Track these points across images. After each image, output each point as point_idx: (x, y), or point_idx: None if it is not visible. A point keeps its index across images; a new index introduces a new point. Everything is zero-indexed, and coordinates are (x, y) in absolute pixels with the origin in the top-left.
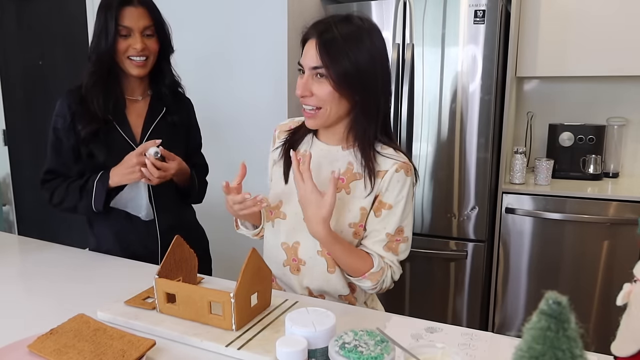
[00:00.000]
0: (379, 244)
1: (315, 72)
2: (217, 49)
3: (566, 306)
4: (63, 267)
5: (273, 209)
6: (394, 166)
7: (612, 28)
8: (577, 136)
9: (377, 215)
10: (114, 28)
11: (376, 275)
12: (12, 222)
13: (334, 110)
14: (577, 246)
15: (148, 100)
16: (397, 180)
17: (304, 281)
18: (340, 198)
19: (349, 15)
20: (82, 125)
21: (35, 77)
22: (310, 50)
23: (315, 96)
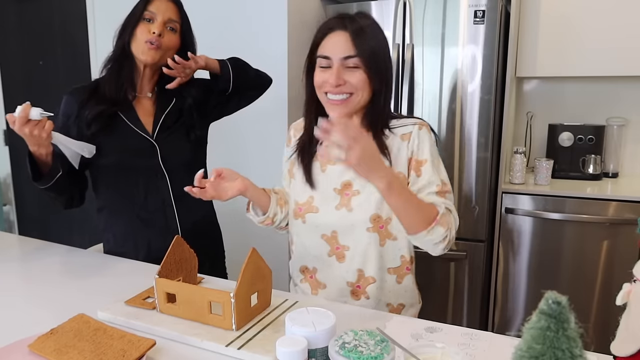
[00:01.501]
0: (432, 195)
1: (347, 62)
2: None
3: (566, 306)
4: (63, 267)
5: (302, 205)
6: (415, 126)
7: (612, 28)
8: (577, 136)
9: (419, 174)
10: (140, 13)
11: (446, 218)
12: (12, 222)
13: (364, 97)
14: (577, 246)
15: (155, 97)
16: (423, 136)
17: (353, 265)
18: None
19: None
20: (88, 110)
21: (35, 77)
22: (339, 41)
23: (348, 84)
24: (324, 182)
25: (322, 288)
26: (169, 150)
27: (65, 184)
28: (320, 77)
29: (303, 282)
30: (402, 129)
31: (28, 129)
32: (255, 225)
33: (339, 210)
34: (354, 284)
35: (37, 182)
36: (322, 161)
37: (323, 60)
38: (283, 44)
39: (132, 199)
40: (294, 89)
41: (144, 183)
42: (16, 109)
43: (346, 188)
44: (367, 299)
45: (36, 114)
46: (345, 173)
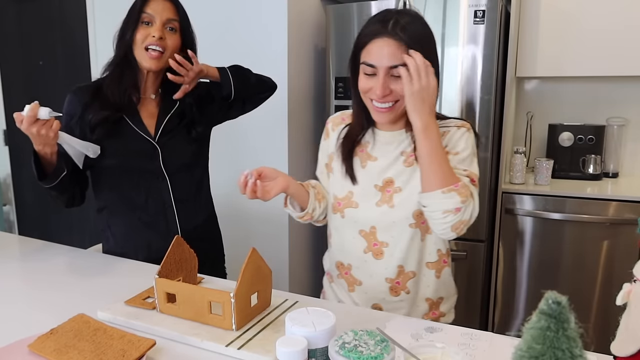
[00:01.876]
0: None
1: (393, 71)
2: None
3: (566, 306)
4: (63, 267)
5: (342, 200)
6: (455, 127)
7: (612, 28)
8: (577, 136)
9: None
10: (137, 16)
11: (464, 190)
12: (13, 222)
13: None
14: (577, 246)
15: (159, 99)
16: (460, 134)
17: (393, 261)
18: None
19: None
20: (92, 114)
21: (35, 77)
22: (385, 48)
23: (394, 93)
24: (364, 177)
25: (358, 285)
26: (170, 153)
27: (69, 183)
28: (366, 84)
29: (339, 277)
30: (443, 128)
31: (36, 129)
32: (255, 225)
33: (380, 206)
34: (393, 280)
35: (41, 181)
36: (362, 157)
37: (368, 67)
38: (283, 44)
39: (133, 200)
40: (294, 88)
41: (145, 185)
42: (24, 108)
43: (388, 185)
44: (407, 293)
45: (45, 113)
46: (387, 170)
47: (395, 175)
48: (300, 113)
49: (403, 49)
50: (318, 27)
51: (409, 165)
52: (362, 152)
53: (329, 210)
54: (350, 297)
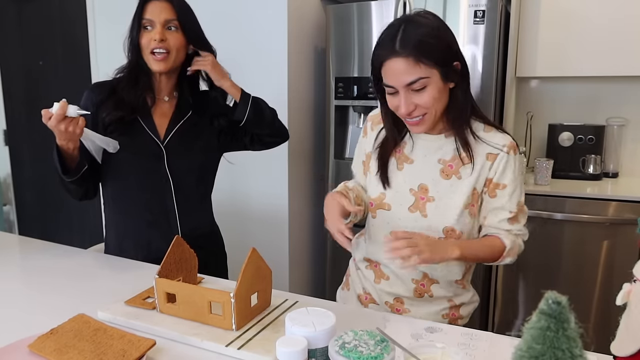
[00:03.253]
0: (504, 221)
1: (412, 86)
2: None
3: (566, 306)
4: (63, 267)
5: (374, 200)
6: (505, 148)
7: (612, 28)
8: (577, 136)
9: (492, 196)
10: (138, 22)
11: (513, 250)
12: (13, 222)
13: (439, 109)
14: (577, 246)
15: (174, 102)
16: (509, 161)
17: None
18: (453, 184)
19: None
20: (106, 112)
21: (35, 77)
22: (398, 69)
23: (419, 107)
24: (399, 180)
25: (385, 279)
26: (176, 157)
27: (88, 177)
28: (393, 103)
29: (368, 268)
30: (489, 146)
31: (64, 126)
32: (255, 225)
33: (413, 213)
34: (418, 282)
35: (65, 175)
36: (399, 158)
37: (389, 88)
38: (283, 44)
39: (137, 198)
40: (294, 89)
41: (149, 185)
42: (53, 105)
43: (422, 192)
44: (431, 297)
45: (73, 111)
46: (423, 175)
47: (430, 184)
48: (300, 113)
49: (413, 63)
50: (318, 27)
51: (447, 177)
52: (399, 153)
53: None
54: (375, 289)
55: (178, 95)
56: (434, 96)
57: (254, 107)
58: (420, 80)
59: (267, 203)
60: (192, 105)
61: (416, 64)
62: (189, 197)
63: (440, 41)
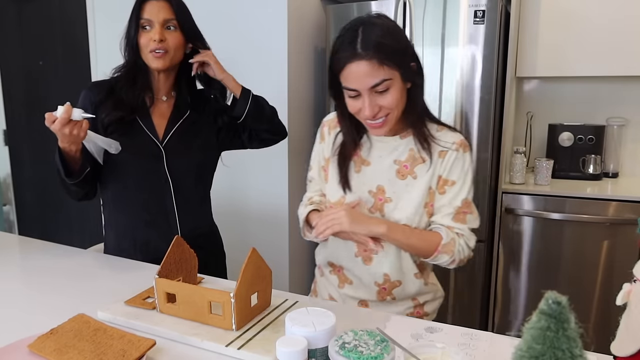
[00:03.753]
0: (447, 217)
1: (376, 88)
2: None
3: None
4: (63, 267)
5: (335, 205)
6: (454, 145)
7: (612, 28)
8: (577, 136)
9: (441, 192)
10: (136, 22)
11: (449, 247)
12: (12, 222)
13: (400, 110)
14: (577, 246)
15: (173, 102)
16: (458, 158)
17: (380, 269)
18: (410, 184)
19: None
20: (105, 113)
21: (35, 77)
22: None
23: (383, 109)
24: (358, 182)
25: (348, 283)
26: (175, 158)
27: (89, 179)
28: (354, 106)
29: (331, 274)
30: (440, 145)
31: (68, 129)
32: (255, 225)
33: (373, 214)
34: (380, 285)
35: (68, 178)
36: (356, 161)
37: (351, 91)
38: (283, 44)
39: (135, 198)
40: (293, 88)
41: (148, 186)
42: (57, 109)
43: (380, 193)
44: (393, 299)
45: (77, 115)
46: (380, 177)
47: (386, 185)
48: (300, 113)
49: (377, 65)
50: (318, 27)
51: (402, 178)
52: (356, 156)
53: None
54: (339, 294)
55: (176, 95)
56: (397, 97)
57: (254, 103)
58: (385, 82)
59: (267, 202)
60: (191, 104)
61: (380, 66)
62: (188, 197)
63: (398, 42)
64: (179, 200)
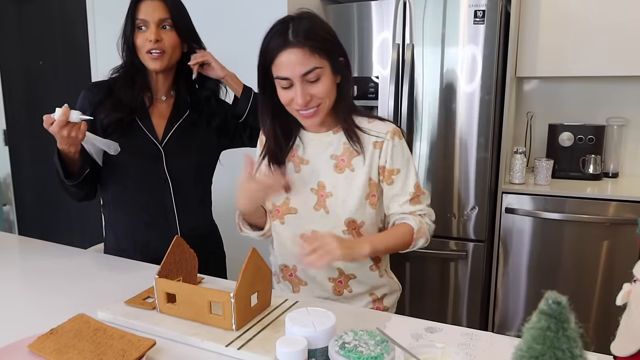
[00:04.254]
0: (405, 204)
1: (307, 77)
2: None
3: (566, 306)
4: (63, 267)
5: (280, 207)
6: (388, 134)
7: (612, 28)
8: (577, 136)
9: (389, 183)
10: (131, 22)
11: (421, 230)
12: (12, 222)
13: (331, 101)
14: (577, 246)
15: (172, 102)
16: (395, 146)
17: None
18: (348, 176)
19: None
20: (105, 114)
21: (35, 77)
22: (293, 59)
23: (314, 98)
24: (299, 182)
25: (303, 285)
26: (175, 158)
27: (89, 180)
28: (286, 97)
29: (284, 279)
30: (373, 136)
31: (66, 131)
32: None
33: (318, 211)
34: (335, 279)
35: (67, 179)
36: (295, 162)
37: (283, 81)
38: None
39: (135, 199)
40: None
41: (148, 186)
42: (55, 111)
43: (321, 189)
44: (350, 292)
45: (75, 117)
46: (319, 173)
47: (326, 180)
48: None
49: (309, 53)
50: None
51: (340, 171)
52: (294, 157)
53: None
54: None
55: (175, 95)
56: (328, 87)
57: (255, 101)
58: (315, 70)
59: None
60: (190, 104)
61: (311, 54)
62: (187, 197)
63: (328, 34)
64: (178, 200)
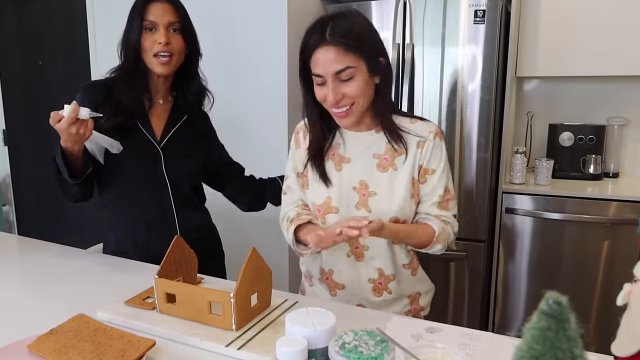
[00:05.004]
0: (433, 206)
1: (340, 76)
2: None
3: (566, 306)
4: (63, 267)
5: (321, 207)
6: (430, 134)
7: (612, 28)
8: (577, 136)
9: (423, 182)
10: (139, 23)
11: (442, 236)
12: (12, 222)
13: (365, 101)
14: (577, 246)
15: (169, 105)
16: (436, 146)
17: (372, 264)
18: (392, 176)
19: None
20: (105, 118)
21: (35, 77)
22: (328, 57)
23: (346, 96)
24: (341, 180)
25: (340, 289)
26: (174, 159)
27: (90, 179)
28: (320, 94)
29: (321, 282)
30: (417, 136)
31: (75, 128)
32: (255, 225)
33: (359, 210)
34: (375, 280)
35: (70, 178)
36: (335, 160)
37: (317, 78)
38: (283, 44)
39: (135, 200)
40: (293, 89)
41: (147, 188)
42: (64, 108)
43: (363, 188)
44: (390, 293)
45: (85, 113)
46: (362, 172)
47: (369, 179)
48: (300, 113)
49: (343, 51)
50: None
51: (384, 170)
52: (334, 155)
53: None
54: (332, 300)
55: (174, 97)
56: (361, 86)
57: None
58: (348, 69)
59: None
60: (188, 107)
61: (345, 52)
62: (186, 198)
63: (367, 35)
64: (177, 201)
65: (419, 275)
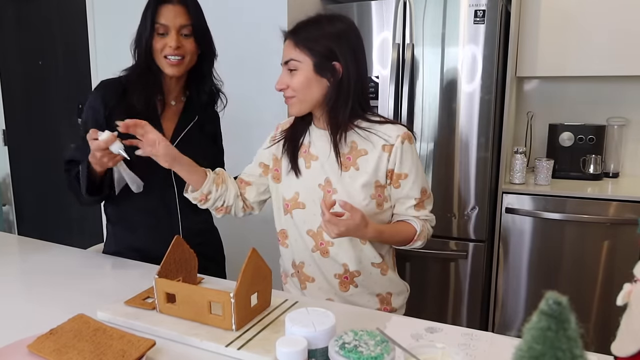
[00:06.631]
0: (411, 208)
1: (287, 65)
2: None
3: (566, 306)
4: (63, 267)
5: (289, 202)
6: (398, 139)
7: (612, 28)
8: (577, 136)
9: (396, 186)
10: (151, 24)
11: (422, 234)
12: (12, 222)
13: (308, 97)
14: (577, 246)
15: (181, 106)
16: (405, 150)
17: (337, 260)
18: (352, 175)
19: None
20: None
21: (35, 77)
22: (285, 47)
23: (289, 88)
24: (309, 177)
25: (310, 282)
26: None
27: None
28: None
29: (293, 276)
30: (382, 139)
31: (100, 154)
32: (254, 225)
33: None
34: (341, 275)
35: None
36: (305, 157)
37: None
38: (283, 43)
39: (141, 203)
40: None
41: (154, 189)
42: (104, 132)
43: (327, 185)
44: (356, 287)
45: (116, 149)
46: (326, 169)
47: (332, 177)
48: None
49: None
50: None
51: (345, 170)
52: (305, 153)
53: (280, 213)
54: (303, 295)
55: (186, 99)
56: (302, 82)
57: None
58: (292, 61)
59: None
60: (199, 109)
61: (294, 47)
62: (191, 202)
63: (323, 37)
64: (182, 204)
65: (390, 276)
